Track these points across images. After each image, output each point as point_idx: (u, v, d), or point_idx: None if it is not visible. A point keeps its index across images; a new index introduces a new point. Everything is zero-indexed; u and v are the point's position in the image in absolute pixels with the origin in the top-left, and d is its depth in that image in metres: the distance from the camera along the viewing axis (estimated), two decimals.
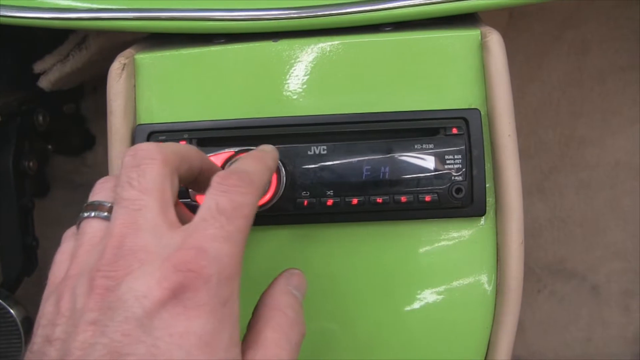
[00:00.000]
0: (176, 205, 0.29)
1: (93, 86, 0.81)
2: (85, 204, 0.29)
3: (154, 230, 0.26)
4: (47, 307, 0.26)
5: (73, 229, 0.30)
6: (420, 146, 0.38)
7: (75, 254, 0.28)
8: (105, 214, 0.28)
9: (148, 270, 0.24)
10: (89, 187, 0.30)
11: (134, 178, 0.27)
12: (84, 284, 0.25)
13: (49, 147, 0.77)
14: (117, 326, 0.23)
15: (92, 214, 0.28)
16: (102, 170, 0.68)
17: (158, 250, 0.25)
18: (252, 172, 0.30)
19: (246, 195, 0.28)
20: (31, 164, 0.65)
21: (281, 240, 0.41)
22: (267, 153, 0.34)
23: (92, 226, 0.28)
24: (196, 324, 0.24)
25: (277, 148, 0.38)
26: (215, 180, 0.28)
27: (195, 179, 0.32)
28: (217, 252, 0.25)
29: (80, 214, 0.29)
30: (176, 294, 0.24)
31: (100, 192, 0.30)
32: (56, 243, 0.30)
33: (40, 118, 0.67)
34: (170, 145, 0.29)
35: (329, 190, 0.38)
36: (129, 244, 0.25)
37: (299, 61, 0.40)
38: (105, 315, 0.24)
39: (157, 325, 0.23)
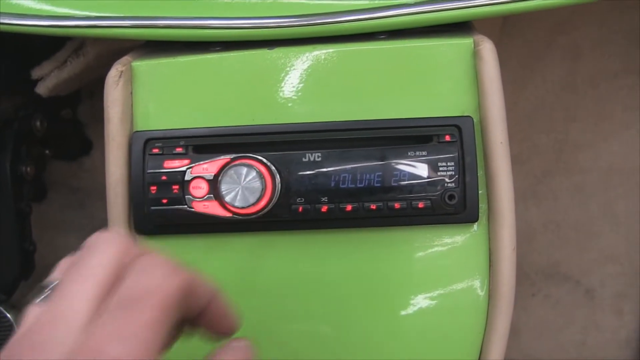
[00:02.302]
0: None
1: (90, 91, 0.81)
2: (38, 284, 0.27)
3: (73, 322, 0.23)
4: None
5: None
6: (414, 153, 0.39)
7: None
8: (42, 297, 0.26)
9: None
10: (86, 191, 0.30)
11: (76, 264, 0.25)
12: None
13: (47, 152, 0.77)
14: None
15: (38, 300, 0.26)
16: (99, 175, 0.68)
17: (67, 345, 0.23)
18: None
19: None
20: (29, 169, 0.65)
21: (276, 246, 0.41)
22: None
23: (31, 313, 0.25)
24: None
25: (273, 155, 0.38)
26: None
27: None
28: (117, 355, 0.22)
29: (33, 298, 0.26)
30: None
31: (56, 272, 0.27)
32: (53, 247, 0.29)
33: (38, 123, 0.67)
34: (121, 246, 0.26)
35: (323, 197, 0.39)
36: (39, 335, 0.23)
37: (294, 69, 0.41)
38: None
39: None
